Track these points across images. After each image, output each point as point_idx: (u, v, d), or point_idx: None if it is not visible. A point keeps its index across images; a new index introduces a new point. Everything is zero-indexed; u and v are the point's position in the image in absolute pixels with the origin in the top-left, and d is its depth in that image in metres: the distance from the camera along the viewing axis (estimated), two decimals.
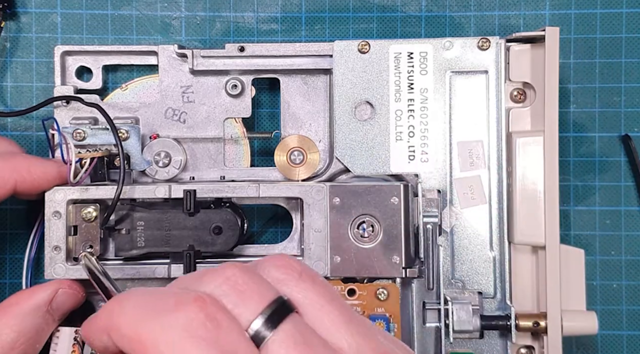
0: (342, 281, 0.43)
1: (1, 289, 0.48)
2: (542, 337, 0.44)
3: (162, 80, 0.46)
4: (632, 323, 0.48)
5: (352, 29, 0.49)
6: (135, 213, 0.44)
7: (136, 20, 0.48)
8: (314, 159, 0.45)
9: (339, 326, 0.26)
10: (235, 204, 0.45)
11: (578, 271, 0.45)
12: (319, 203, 0.43)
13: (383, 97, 0.45)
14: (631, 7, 0.48)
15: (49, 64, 0.48)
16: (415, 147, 0.45)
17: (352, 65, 0.45)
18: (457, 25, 0.48)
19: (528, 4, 0.48)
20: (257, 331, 0.25)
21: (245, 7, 0.49)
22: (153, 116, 0.46)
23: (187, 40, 0.48)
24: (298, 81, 0.47)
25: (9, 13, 0.48)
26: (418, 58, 0.45)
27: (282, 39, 0.49)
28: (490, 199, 0.45)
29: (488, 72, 0.45)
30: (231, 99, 0.46)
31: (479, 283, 0.45)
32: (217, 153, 0.47)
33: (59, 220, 0.43)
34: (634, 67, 0.48)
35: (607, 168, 0.48)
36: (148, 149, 0.45)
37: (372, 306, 0.43)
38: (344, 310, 0.27)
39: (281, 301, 0.26)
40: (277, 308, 0.26)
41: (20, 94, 0.48)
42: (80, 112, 0.45)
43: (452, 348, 0.44)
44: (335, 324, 0.26)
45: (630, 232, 0.48)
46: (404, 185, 0.43)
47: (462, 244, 0.45)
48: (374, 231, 0.43)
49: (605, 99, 0.48)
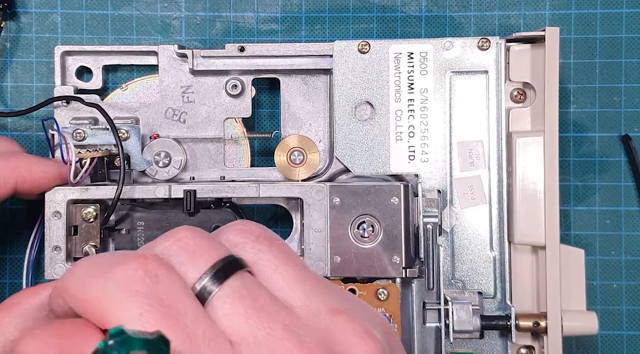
0: (342, 281, 0.43)
1: (1, 289, 0.48)
2: (542, 337, 0.44)
3: (162, 80, 0.46)
4: (632, 323, 0.48)
5: (352, 29, 0.49)
6: (135, 213, 0.44)
7: (136, 20, 0.48)
8: (314, 159, 0.45)
9: (292, 285, 0.26)
10: (235, 204, 0.45)
11: (578, 271, 0.45)
12: (319, 203, 0.43)
13: (383, 97, 0.45)
14: (631, 7, 0.48)
15: (49, 64, 0.48)
16: (415, 147, 0.45)
17: (352, 65, 0.45)
18: (457, 25, 0.48)
19: (528, 4, 0.48)
20: (203, 286, 0.25)
21: (245, 7, 0.49)
22: (153, 116, 0.46)
23: (187, 40, 0.48)
24: (298, 81, 0.47)
25: (9, 13, 0.48)
26: (418, 58, 0.45)
27: (282, 39, 0.49)
28: (490, 199, 0.45)
29: (488, 72, 0.45)
30: (231, 99, 0.46)
31: (479, 283, 0.45)
32: (217, 153, 0.47)
33: (59, 220, 0.43)
34: (634, 67, 0.48)
35: (607, 168, 0.48)
36: (148, 149, 0.45)
37: (372, 306, 0.43)
38: (299, 270, 0.27)
39: (231, 259, 0.26)
40: (225, 265, 0.25)
41: (20, 94, 0.48)
42: (80, 112, 0.45)
43: (452, 348, 0.44)
44: (288, 283, 0.26)
45: (630, 232, 0.48)
46: (404, 185, 0.43)
47: (462, 244, 0.45)
48: (374, 231, 0.43)
49: (605, 99, 0.48)
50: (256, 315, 0.25)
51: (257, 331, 0.24)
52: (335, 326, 0.26)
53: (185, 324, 0.24)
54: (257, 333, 0.24)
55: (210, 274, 0.25)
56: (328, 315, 0.26)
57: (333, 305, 0.26)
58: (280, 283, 0.26)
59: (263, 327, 0.24)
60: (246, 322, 0.24)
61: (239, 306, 0.25)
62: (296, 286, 0.26)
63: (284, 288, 0.26)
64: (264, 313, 0.25)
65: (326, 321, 0.26)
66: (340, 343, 0.25)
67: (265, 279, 0.26)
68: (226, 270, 0.25)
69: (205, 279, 0.25)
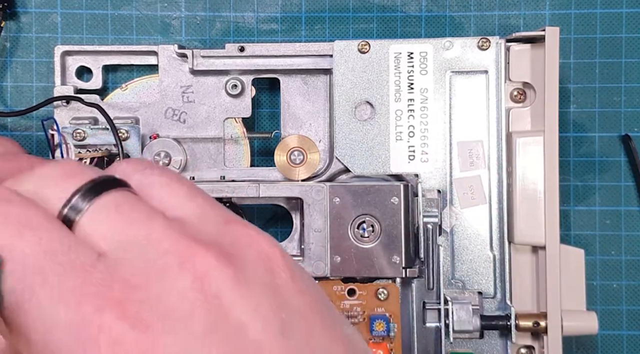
0: (342, 281, 0.44)
1: None
2: (542, 337, 0.44)
3: (162, 81, 0.46)
4: (632, 323, 0.48)
5: (352, 29, 0.49)
6: None
7: (136, 20, 0.48)
8: (314, 159, 0.45)
9: (182, 200, 0.23)
10: (235, 204, 0.45)
11: (578, 271, 0.45)
12: (319, 203, 0.43)
13: (383, 97, 0.45)
14: (631, 7, 0.48)
15: (49, 64, 0.48)
16: (415, 147, 0.45)
17: (352, 65, 0.45)
18: (457, 25, 0.48)
19: (528, 4, 0.48)
20: (72, 205, 0.21)
21: (245, 7, 0.49)
22: (153, 116, 0.46)
23: (187, 40, 0.48)
24: (298, 81, 0.47)
25: (9, 13, 0.48)
26: (418, 58, 0.45)
27: (282, 39, 0.49)
28: (490, 199, 0.45)
29: (488, 72, 0.45)
30: (231, 99, 0.46)
31: (479, 283, 0.45)
32: (217, 153, 0.47)
33: None
34: (634, 67, 0.48)
35: (607, 168, 0.48)
36: (148, 149, 0.45)
37: (372, 306, 0.43)
38: (190, 188, 0.23)
39: (107, 178, 0.22)
40: (99, 183, 0.22)
41: (20, 94, 0.48)
42: (80, 112, 0.46)
43: (452, 348, 0.44)
44: (178, 198, 0.23)
45: (630, 232, 0.48)
46: (404, 185, 0.43)
47: (462, 244, 0.45)
48: (374, 231, 0.43)
49: (605, 99, 0.48)
50: (130, 222, 0.21)
51: (131, 237, 0.21)
52: (228, 232, 0.22)
53: (39, 236, 0.20)
54: (131, 238, 0.21)
55: (82, 192, 0.21)
56: (220, 222, 0.23)
57: (226, 216, 0.23)
58: (169, 199, 0.23)
59: (138, 232, 0.21)
60: (118, 229, 0.21)
61: (113, 214, 0.21)
62: (187, 200, 0.23)
63: (173, 203, 0.23)
64: (140, 219, 0.21)
65: (218, 227, 0.22)
66: (234, 244, 0.22)
67: (151, 199, 0.23)
68: (100, 187, 0.22)
69: (79, 194, 0.21)
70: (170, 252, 0.21)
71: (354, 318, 0.43)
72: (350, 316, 0.43)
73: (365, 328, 0.43)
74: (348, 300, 0.43)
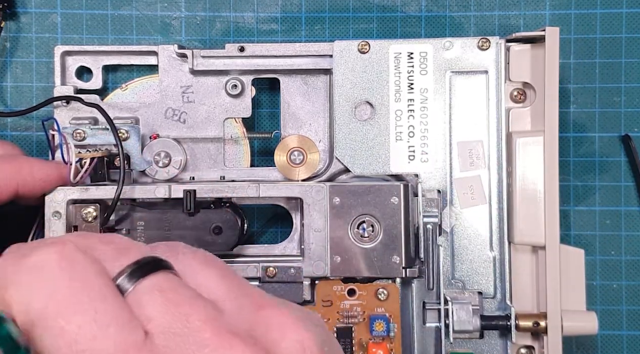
0: (342, 281, 0.43)
1: None
2: (542, 337, 0.44)
3: (162, 80, 0.46)
4: (632, 323, 0.48)
5: (352, 29, 0.49)
6: (135, 213, 0.44)
7: (136, 20, 0.48)
8: (314, 159, 0.45)
9: (215, 283, 0.26)
10: (235, 204, 0.45)
11: (578, 271, 0.45)
12: (319, 203, 0.43)
13: (383, 97, 0.45)
14: (631, 7, 0.48)
15: (49, 64, 0.48)
16: (415, 147, 0.45)
17: (352, 65, 0.45)
18: (457, 25, 0.48)
19: (528, 4, 0.48)
20: (124, 278, 0.25)
21: (245, 7, 0.49)
22: (153, 116, 0.46)
23: (187, 40, 0.48)
24: (298, 81, 0.47)
25: (9, 13, 0.48)
26: (418, 58, 0.45)
27: (282, 39, 0.49)
28: (490, 199, 0.45)
29: (488, 72, 0.45)
30: (231, 99, 0.46)
31: (479, 283, 0.45)
32: (217, 153, 0.47)
33: (59, 220, 0.42)
34: (634, 67, 0.48)
35: (607, 168, 0.48)
36: (148, 149, 0.45)
37: (372, 306, 0.43)
38: (222, 270, 0.27)
39: (156, 258, 0.26)
40: (149, 262, 0.25)
41: (20, 94, 0.48)
42: (80, 112, 0.45)
43: (452, 348, 0.44)
44: (212, 281, 0.26)
45: (630, 232, 0.48)
46: (404, 185, 0.43)
47: (462, 244, 0.45)
48: (374, 231, 0.43)
49: (605, 99, 0.48)
50: (174, 307, 0.24)
51: (173, 322, 0.24)
52: (262, 319, 0.25)
53: (94, 308, 0.23)
54: (173, 324, 0.24)
55: (133, 267, 0.25)
56: (253, 309, 0.25)
57: (258, 300, 0.26)
58: (204, 283, 0.26)
59: (180, 318, 0.24)
60: (163, 313, 0.24)
61: (158, 298, 0.24)
62: (219, 283, 0.26)
63: (208, 286, 0.26)
64: (183, 305, 0.24)
65: (251, 315, 0.25)
66: (267, 334, 0.24)
67: (190, 282, 0.26)
68: (150, 267, 0.25)
69: (128, 272, 0.25)
70: (209, 345, 0.23)
71: (354, 318, 0.43)
72: (350, 316, 0.43)
73: (365, 328, 0.43)
74: (348, 300, 0.43)
